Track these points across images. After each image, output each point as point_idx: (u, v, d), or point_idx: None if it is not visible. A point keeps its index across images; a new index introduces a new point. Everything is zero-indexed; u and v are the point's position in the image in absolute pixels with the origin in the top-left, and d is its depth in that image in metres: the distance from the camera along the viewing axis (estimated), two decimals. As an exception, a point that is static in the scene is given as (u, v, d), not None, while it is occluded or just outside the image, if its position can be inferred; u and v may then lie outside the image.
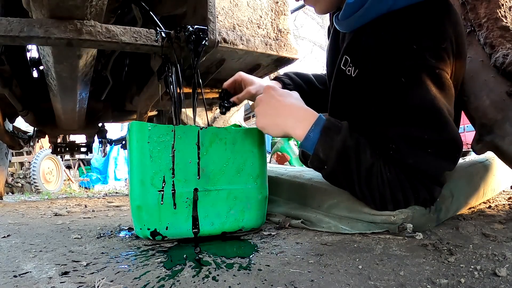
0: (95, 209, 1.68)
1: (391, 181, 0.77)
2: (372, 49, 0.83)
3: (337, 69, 0.93)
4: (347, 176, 0.79)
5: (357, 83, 0.87)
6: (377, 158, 0.78)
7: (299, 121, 0.80)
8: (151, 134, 0.82)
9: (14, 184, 6.15)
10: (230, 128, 0.91)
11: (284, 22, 1.60)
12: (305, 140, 0.80)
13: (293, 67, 7.75)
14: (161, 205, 0.82)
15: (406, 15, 0.80)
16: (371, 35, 0.84)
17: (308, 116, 0.81)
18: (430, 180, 0.78)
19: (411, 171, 0.77)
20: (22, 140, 2.34)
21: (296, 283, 0.55)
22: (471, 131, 0.97)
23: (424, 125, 0.76)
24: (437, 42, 0.77)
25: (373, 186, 0.78)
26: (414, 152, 0.76)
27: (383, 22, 0.82)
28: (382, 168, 0.77)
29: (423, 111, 0.75)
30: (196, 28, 1.01)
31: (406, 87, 0.76)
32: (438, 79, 0.76)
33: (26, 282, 0.59)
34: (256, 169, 0.91)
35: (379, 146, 0.79)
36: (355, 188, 0.80)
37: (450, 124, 0.75)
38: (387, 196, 0.78)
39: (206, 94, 1.91)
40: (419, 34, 0.77)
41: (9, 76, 1.58)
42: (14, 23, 0.85)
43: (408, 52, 0.77)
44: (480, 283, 0.51)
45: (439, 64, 0.77)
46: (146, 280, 0.58)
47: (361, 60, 0.86)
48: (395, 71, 0.78)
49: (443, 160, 0.77)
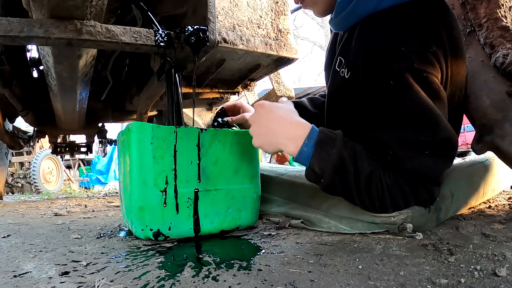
0: (95, 209, 1.68)
1: (391, 186, 0.76)
2: (360, 50, 0.82)
3: (333, 71, 0.93)
4: (345, 187, 0.77)
5: (350, 85, 0.86)
6: (375, 165, 0.76)
7: (289, 138, 0.78)
8: (154, 134, 0.82)
9: (14, 184, 6.15)
10: (228, 130, 0.93)
11: (284, 22, 1.60)
12: (299, 155, 0.78)
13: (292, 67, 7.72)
14: (164, 205, 0.83)
15: (394, 15, 0.79)
16: (360, 35, 0.83)
17: (299, 130, 0.78)
18: (430, 182, 0.78)
19: (410, 175, 0.76)
20: (22, 140, 2.34)
21: (296, 283, 0.55)
22: (471, 131, 0.97)
23: (418, 128, 0.74)
24: (426, 45, 0.75)
25: (373, 194, 0.76)
26: (411, 156, 0.75)
27: (371, 22, 0.81)
28: (381, 174, 0.76)
29: (415, 114, 0.74)
30: (196, 28, 1.01)
31: (395, 90, 0.75)
32: (425, 82, 0.75)
33: (26, 282, 0.59)
34: (251, 169, 0.95)
35: (375, 152, 0.78)
36: (354, 198, 0.79)
37: (443, 122, 0.74)
38: (387, 202, 0.77)
39: (206, 94, 1.91)
40: (407, 36, 0.75)
41: (9, 76, 1.58)
42: (14, 23, 0.85)
43: (395, 55, 0.75)
44: (480, 283, 0.51)
45: (427, 67, 0.75)
46: (146, 280, 0.58)
47: (352, 62, 0.85)
48: (383, 74, 0.76)
49: (441, 160, 0.77)
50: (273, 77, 2.03)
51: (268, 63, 1.67)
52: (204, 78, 1.70)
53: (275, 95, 2.03)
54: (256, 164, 0.96)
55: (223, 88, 1.90)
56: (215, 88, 1.88)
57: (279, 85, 2.06)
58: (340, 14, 0.88)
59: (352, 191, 0.77)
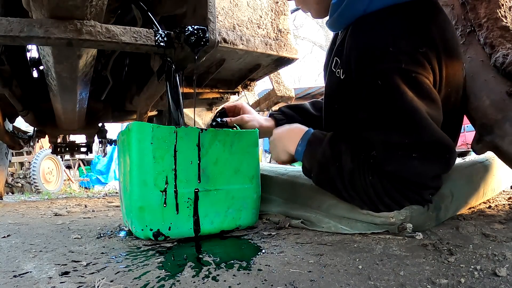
0: (95, 209, 1.68)
1: (374, 184, 0.78)
2: (352, 51, 0.82)
3: (329, 71, 0.94)
4: (331, 182, 0.85)
5: (345, 86, 0.87)
6: (359, 162, 0.80)
7: (290, 139, 0.94)
8: (154, 134, 0.82)
9: (14, 184, 6.15)
10: (228, 130, 0.93)
11: (284, 22, 1.60)
12: (295, 153, 0.92)
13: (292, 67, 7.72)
14: (164, 205, 0.83)
15: (384, 16, 0.78)
16: (351, 37, 0.83)
17: (296, 133, 0.92)
18: (414, 186, 0.77)
19: (391, 177, 0.77)
20: (22, 140, 2.34)
21: (296, 283, 0.55)
22: (471, 131, 0.97)
23: (403, 129, 0.74)
24: (416, 45, 0.75)
25: (359, 189, 0.80)
26: (393, 158, 0.75)
27: (362, 23, 0.81)
28: (365, 171, 0.79)
29: (400, 115, 0.74)
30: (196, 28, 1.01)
31: (382, 90, 0.75)
32: (414, 83, 0.74)
33: (26, 282, 0.59)
34: (251, 169, 0.95)
35: (364, 151, 0.80)
36: (342, 193, 0.83)
37: (431, 126, 0.73)
38: (372, 197, 0.79)
39: (206, 94, 1.91)
40: (396, 37, 0.75)
41: (9, 76, 1.58)
42: (14, 23, 0.85)
43: (384, 55, 0.75)
44: (480, 283, 0.51)
45: (416, 68, 0.74)
46: (146, 280, 0.58)
47: (345, 63, 0.86)
48: (372, 75, 0.76)
49: (431, 164, 0.75)
50: (273, 77, 2.03)
51: (268, 63, 1.67)
52: (204, 78, 1.70)
53: (275, 95, 2.03)
54: (256, 164, 0.97)
55: (223, 88, 1.90)
56: (215, 88, 1.88)
57: (279, 85, 2.06)
58: (333, 15, 0.88)
59: (337, 185, 0.84)
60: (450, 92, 0.84)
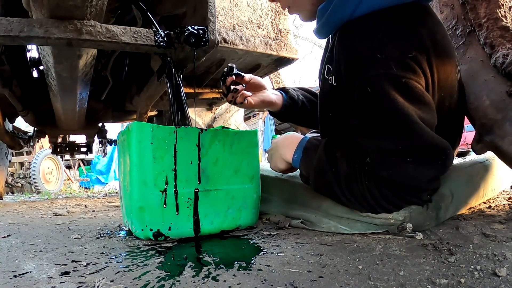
0: (95, 209, 1.68)
1: (370, 188, 0.79)
2: (341, 58, 0.81)
3: (322, 78, 0.93)
4: (329, 187, 0.85)
5: (338, 93, 0.86)
6: (355, 167, 0.80)
7: (286, 147, 0.94)
8: (154, 135, 0.82)
9: (14, 184, 6.15)
10: (228, 130, 0.93)
11: (284, 22, 1.60)
12: (293, 161, 0.92)
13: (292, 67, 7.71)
14: (164, 206, 0.83)
15: (370, 21, 0.77)
16: (338, 44, 0.82)
17: (292, 141, 0.93)
18: (411, 189, 0.77)
19: (386, 182, 0.77)
20: (22, 140, 2.34)
21: (296, 283, 0.55)
22: (471, 131, 0.97)
23: (395, 136, 0.74)
24: (404, 50, 0.74)
25: (355, 192, 0.81)
26: (387, 165, 0.75)
27: (349, 29, 0.80)
28: (362, 176, 0.79)
29: (392, 121, 0.73)
30: (196, 28, 1.01)
31: (372, 97, 0.75)
32: (405, 88, 0.73)
33: (26, 282, 0.59)
34: (251, 169, 0.95)
35: (359, 157, 0.81)
36: (340, 197, 0.84)
37: (423, 130, 0.72)
38: (370, 201, 0.80)
39: (206, 94, 1.91)
40: (384, 43, 0.74)
41: (9, 76, 1.58)
42: (14, 23, 0.85)
43: (372, 62, 0.74)
44: (480, 283, 0.51)
45: (406, 73, 0.73)
46: (146, 280, 0.58)
47: (335, 70, 0.85)
48: (361, 82, 0.76)
49: (426, 167, 0.75)
50: (273, 77, 2.03)
51: (268, 63, 1.67)
52: (204, 78, 1.71)
53: (275, 95, 2.03)
54: (256, 164, 0.97)
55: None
56: (215, 88, 1.88)
57: (279, 85, 2.06)
58: (320, 21, 0.87)
59: (335, 190, 0.84)
60: (444, 97, 0.83)
